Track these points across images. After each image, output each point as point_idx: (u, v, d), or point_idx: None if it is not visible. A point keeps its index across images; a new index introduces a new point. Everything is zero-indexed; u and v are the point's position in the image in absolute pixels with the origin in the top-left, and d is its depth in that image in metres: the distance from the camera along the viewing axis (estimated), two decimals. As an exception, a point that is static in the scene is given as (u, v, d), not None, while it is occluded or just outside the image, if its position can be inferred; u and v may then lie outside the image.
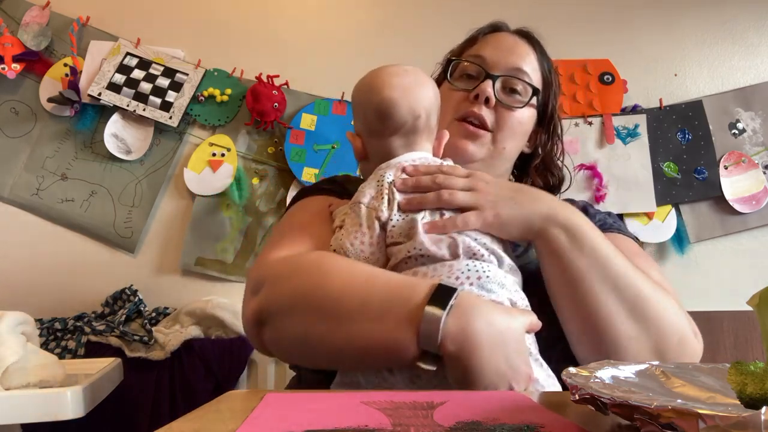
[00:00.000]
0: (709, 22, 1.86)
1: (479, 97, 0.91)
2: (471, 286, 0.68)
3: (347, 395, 0.53)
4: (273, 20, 1.81)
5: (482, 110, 0.91)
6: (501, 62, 0.94)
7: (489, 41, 0.99)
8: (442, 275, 0.69)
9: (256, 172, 1.74)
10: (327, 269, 0.70)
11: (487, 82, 0.92)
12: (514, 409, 0.46)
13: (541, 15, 1.83)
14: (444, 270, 0.69)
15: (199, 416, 0.45)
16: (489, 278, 0.69)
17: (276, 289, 0.72)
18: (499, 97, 0.93)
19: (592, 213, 0.95)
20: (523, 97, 0.95)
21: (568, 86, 1.80)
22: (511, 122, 0.93)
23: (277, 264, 0.75)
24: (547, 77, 1.00)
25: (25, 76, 1.71)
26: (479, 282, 0.68)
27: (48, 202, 1.69)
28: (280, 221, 0.93)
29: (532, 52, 0.98)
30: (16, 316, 1.07)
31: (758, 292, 0.40)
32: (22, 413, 0.93)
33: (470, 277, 0.68)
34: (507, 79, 0.94)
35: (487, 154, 0.93)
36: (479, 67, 0.95)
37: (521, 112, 0.95)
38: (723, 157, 1.77)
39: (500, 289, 0.69)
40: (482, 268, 0.70)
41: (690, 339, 0.75)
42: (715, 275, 1.76)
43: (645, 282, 0.75)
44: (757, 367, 0.38)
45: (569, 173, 1.09)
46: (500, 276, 0.71)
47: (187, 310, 1.55)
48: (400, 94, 0.80)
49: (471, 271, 0.69)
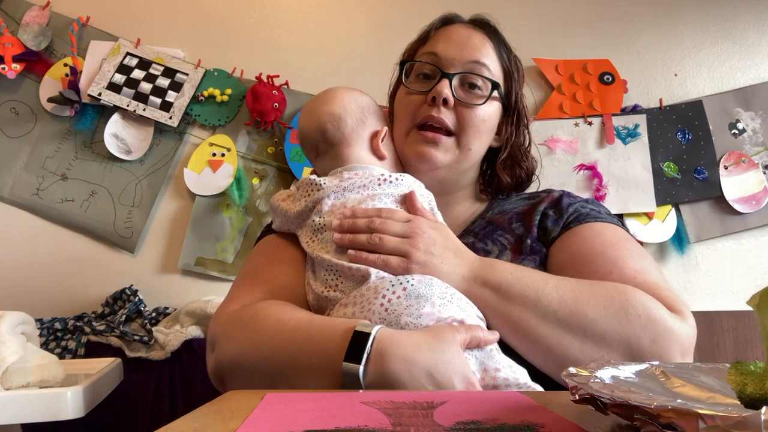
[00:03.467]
0: (709, 22, 1.86)
1: (436, 100, 0.86)
2: (399, 299, 0.68)
3: (347, 395, 0.53)
4: (273, 20, 1.81)
5: (441, 113, 0.86)
6: (456, 57, 0.89)
7: (442, 36, 0.93)
8: (369, 298, 0.69)
9: (256, 172, 1.74)
10: (260, 327, 0.73)
11: (443, 82, 0.87)
12: (514, 409, 0.46)
13: (541, 15, 1.83)
14: (370, 294, 0.70)
15: (199, 416, 0.45)
16: (414, 285, 0.69)
17: (224, 349, 0.75)
18: (458, 95, 0.87)
19: (566, 205, 0.89)
20: (484, 91, 0.89)
21: (568, 86, 1.80)
22: (474, 121, 0.88)
23: (225, 319, 0.78)
24: (507, 67, 0.93)
25: (25, 76, 1.71)
26: (405, 293, 0.68)
27: (48, 202, 1.69)
28: (241, 268, 0.95)
29: (488, 41, 0.92)
30: (16, 316, 1.07)
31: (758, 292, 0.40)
32: (22, 413, 0.93)
33: (396, 291, 0.69)
34: (464, 75, 0.88)
35: (453, 159, 0.89)
36: (434, 66, 0.89)
37: (483, 109, 0.89)
38: (723, 157, 1.77)
39: (428, 290, 0.69)
40: (404, 278, 0.70)
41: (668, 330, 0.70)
42: (715, 275, 1.76)
43: (592, 299, 0.72)
44: (757, 367, 0.38)
45: (539, 159, 1.03)
46: (426, 279, 0.71)
47: (187, 310, 1.55)
48: (305, 119, 0.88)
49: (395, 285, 0.69)
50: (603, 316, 0.71)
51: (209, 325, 0.83)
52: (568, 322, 0.71)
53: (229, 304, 0.82)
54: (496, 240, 0.88)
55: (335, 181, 0.83)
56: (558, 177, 1.75)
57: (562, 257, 0.84)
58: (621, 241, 0.83)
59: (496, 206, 0.95)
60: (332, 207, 0.81)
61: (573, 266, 0.81)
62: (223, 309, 0.82)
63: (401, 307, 0.68)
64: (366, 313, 0.69)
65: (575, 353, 0.70)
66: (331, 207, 0.81)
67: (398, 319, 0.67)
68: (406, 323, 0.67)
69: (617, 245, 0.82)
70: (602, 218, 0.87)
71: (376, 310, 0.68)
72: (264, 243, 0.93)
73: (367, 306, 0.69)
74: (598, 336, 0.70)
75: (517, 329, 0.72)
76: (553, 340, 0.71)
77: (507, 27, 0.98)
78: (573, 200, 0.91)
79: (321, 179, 0.84)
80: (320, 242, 0.80)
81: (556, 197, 0.92)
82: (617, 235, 0.84)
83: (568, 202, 0.90)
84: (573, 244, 0.84)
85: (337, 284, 0.76)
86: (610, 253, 0.80)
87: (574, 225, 0.86)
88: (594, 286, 0.74)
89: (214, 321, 0.81)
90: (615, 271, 0.77)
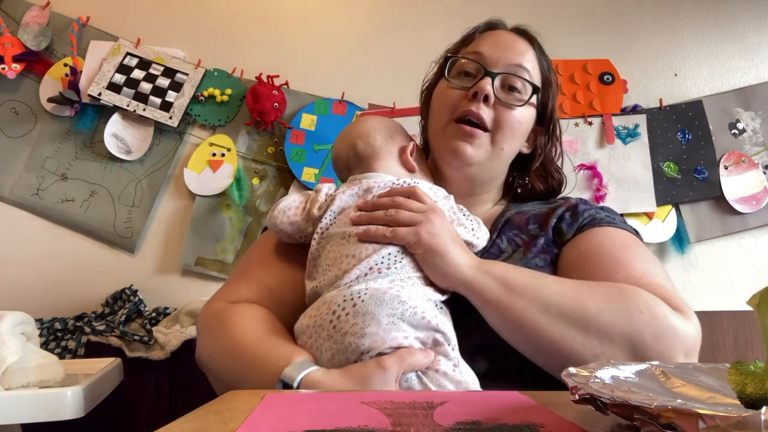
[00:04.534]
0: (709, 22, 1.86)
1: (478, 95, 0.88)
2: (347, 316, 0.69)
3: (347, 395, 0.53)
4: (273, 20, 1.81)
5: (481, 109, 0.88)
6: (500, 59, 0.91)
7: (487, 38, 0.96)
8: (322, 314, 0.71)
9: (256, 172, 1.74)
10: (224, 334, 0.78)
11: (486, 80, 0.89)
12: (514, 409, 0.46)
13: (541, 15, 1.83)
14: (324, 309, 0.71)
15: (199, 416, 0.45)
16: (364, 301, 0.69)
17: (199, 346, 0.84)
18: (498, 95, 0.90)
19: (581, 210, 0.91)
20: (523, 95, 0.92)
21: (568, 86, 1.80)
22: (511, 121, 0.90)
23: (207, 316, 0.85)
24: (546, 76, 0.97)
25: (25, 76, 1.71)
26: (354, 309, 0.69)
27: (48, 202, 1.69)
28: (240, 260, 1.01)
29: (530, 49, 0.95)
30: (16, 316, 1.06)
31: (758, 292, 0.40)
32: (22, 413, 0.92)
33: (346, 308, 0.69)
34: (506, 76, 0.91)
35: (485, 156, 0.90)
36: (478, 64, 0.92)
37: (521, 111, 0.91)
38: (723, 157, 1.77)
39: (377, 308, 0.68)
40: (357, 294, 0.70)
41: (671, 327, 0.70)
42: (715, 275, 1.76)
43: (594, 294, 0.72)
44: (757, 367, 0.38)
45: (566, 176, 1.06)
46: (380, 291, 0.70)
47: (187, 310, 1.55)
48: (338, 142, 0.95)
49: (347, 300, 0.70)
50: (605, 310, 0.71)
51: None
52: (570, 316, 0.71)
53: (217, 299, 0.87)
54: (512, 239, 0.90)
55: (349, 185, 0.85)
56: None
57: (571, 256, 0.85)
58: (631, 245, 0.85)
59: (514, 207, 0.98)
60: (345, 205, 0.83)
61: (580, 264, 0.82)
62: (210, 303, 0.87)
63: (347, 325, 0.68)
64: (317, 329, 0.70)
65: (578, 348, 0.70)
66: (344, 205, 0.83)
67: (343, 338, 0.68)
68: (350, 343, 0.67)
69: (626, 248, 0.83)
70: (616, 223, 0.89)
71: (325, 327, 0.70)
72: (264, 239, 0.95)
73: (319, 321, 0.71)
74: (601, 330, 0.70)
75: (520, 323, 0.72)
76: (555, 334, 0.71)
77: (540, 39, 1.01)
78: (589, 207, 0.94)
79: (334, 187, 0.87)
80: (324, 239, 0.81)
81: (573, 203, 0.95)
82: (628, 240, 0.86)
83: (584, 208, 0.93)
84: (583, 244, 0.85)
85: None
86: (618, 254, 0.81)
87: (587, 228, 0.88)
88: (595, 284, 0.75)
89: (201, 314, 0.87)
90: (621, 271, 0.78)
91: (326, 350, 0.69)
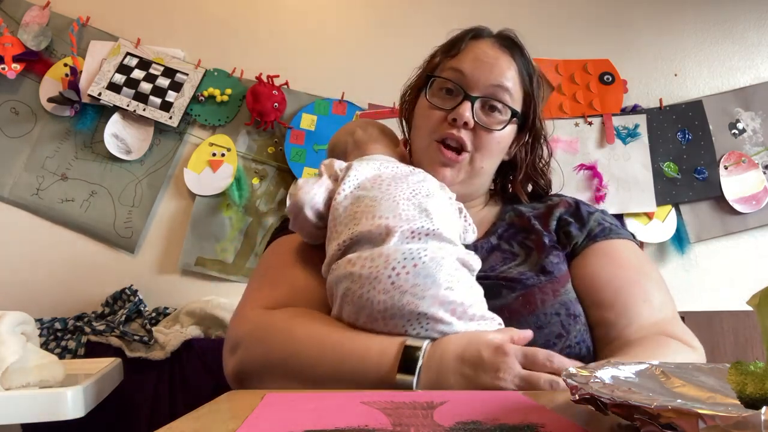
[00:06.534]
0: (709, 22, 1.86)
1: (457, 122, 0.90)
2: (408, 275, 0.69)
3: (347, 395, 0.53)
4: (273, 20, 1.81)
5: (461, 132, 0.90)
6: (481, 80, 0.91)
7: (469, 53, 0.94)
8: (378, 266, 0.71)
9: (256, 172, 1.74)
10: (298, 336, 0.74)
11: (465, 105, 0.90)
12: (514, 409, 0.46)
13: (541, 15, 1.83)
14: (381, 261, 0.71)
15: (199, 416, 0.45)
16: (425, 263, 0.70)
17: (251, 353, 0.77)
18: (478, 119, 0.90)
19: (585, 213, 0.94)
20: (504, 115, 0.92)
21: (568, 86, 1.80)
22: (491, 144, 0.92)
23: (250, 324, 0.79)
24: (529, 90, 0.96)
25: (25, 76, 1.71)
26: (415, 270, 0.70)
27: (48, 202, 1.69)
28: (256, 267, 0.97)
29: (513, 65, 0.94)
30: (16, 316, 1.06)
31: (758, 292, 0.40)
32: (22, 413, 0.93)
33: (406, 266, 0.70)
34: (486, 99, 0.92)
35: (465, 176, 0.93)
36: (457, 85, 0.92)
37: (500, 133, 0.93)
38: (723, 157, 1.77)
39: (438, 272, 0.70)
40: (417, 253, 0.71)
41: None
42: (715, 275, 1.76)
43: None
44: (757, 367, 0.38)
45: (561, 171, 1.07)
46: (438, 255, 0.72)
47: (187, 310, 1.55)
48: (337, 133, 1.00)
49: (407, 258, 0.70)
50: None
51: (230, 326, 0.84)
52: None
53: (251, 306, 0.83)
54: (523, 243, 0.92)
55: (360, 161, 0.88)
56: (558, 177, 1.75)
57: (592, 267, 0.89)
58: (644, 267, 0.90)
59: (510, 209, 0.99)
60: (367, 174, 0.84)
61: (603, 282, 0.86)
62: (246, 311, 0.83)
63: (408, 284, 0.69)
64: (371, 281, 0.70)
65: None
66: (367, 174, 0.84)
67: (402, 296, 0.69)
68: (408, 302, 0.69)
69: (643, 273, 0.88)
70: (623, 235, 0.93)
71: (382, 280, 0.70)
72: (279, 243, 0.94)
73: (375, 273, 0.70)
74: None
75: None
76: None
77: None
78: (590, 209, 0.97)
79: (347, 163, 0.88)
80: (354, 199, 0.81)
81: (572, 204, 0.97)
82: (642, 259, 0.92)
83: (587, 210, 0.96)
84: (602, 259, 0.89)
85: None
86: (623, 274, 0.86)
87: (600, 239, 0.91)
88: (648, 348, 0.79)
89: (238, 323, 0.82)
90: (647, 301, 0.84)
91: (379, 302, 0.70)
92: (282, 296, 0.83)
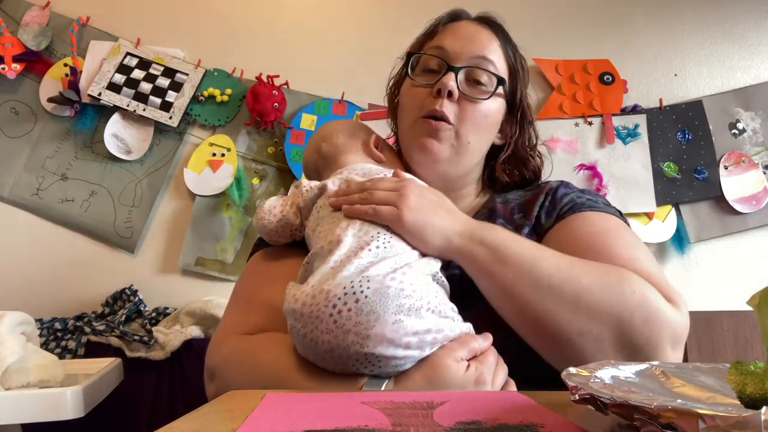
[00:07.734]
0: (709, 22, 1.86)
1: (441, 92, 0.86)
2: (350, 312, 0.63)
3: (347, 395, 0.53)
4: (273, 20, 1.81)
5: (444, 105, 0.87)
6: (463, 52, 0.89)
7: (449, 31, 0.93)
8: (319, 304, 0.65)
9: (256, 172, 1.74)
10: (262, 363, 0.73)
11: (449, 75, 0.87)
12: (514, 409, 0.46)
13: (541, 15, 1.83)
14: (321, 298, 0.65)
15: (199, 416, 0.45)
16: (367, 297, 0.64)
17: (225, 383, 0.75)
18: (463, 89, 0.88)
19: (561, 195, 0.89)
20: (488, 87, 0.89)
21: (568, 86, 1.80)
22: (475, 115, 0.88)
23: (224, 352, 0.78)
24: (513, 64, 0.94)
25: (25, 76, 1.72)
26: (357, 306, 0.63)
27: (48, 202, 1.69)
28: (235, 285, 0.93)
29: (495, 39, 0.92)
30: (16, 316, 1.07)
31: (758, 292, 0.40)
32: (22, 413, 0.93)
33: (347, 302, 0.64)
34: (470, 70, 0.89)
35: (452, 152, 0.89)
36: (440, 60, 0.90)
37: (486, 104, 0.89)
38: (723, 157, 1.77)
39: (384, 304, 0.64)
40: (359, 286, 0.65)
41: (661, 312, 0.69)
42: (715, 275, 1.76)
43: (586, 272, 0.70)
44: (757, 367, 0.38)
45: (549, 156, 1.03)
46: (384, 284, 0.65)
47: (187, 310, 1.55)
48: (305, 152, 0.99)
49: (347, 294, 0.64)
50: (597, 286, 0.69)
51: (207, 353, 0.82)
52: (561, 289, 0.69)
53: (226, 333, 0.81)
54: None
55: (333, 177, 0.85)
56: (558, 177, 1.74)
57: (551, 246, 0.80)
58: (612, 230, 0.82)
59: (498, 197, 0.96)
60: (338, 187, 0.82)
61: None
62: (221, 337, 0.81)
63: (350, 323, 0.63)
64: (313, 320, 0.64)
65: (564, 324, 0.68)
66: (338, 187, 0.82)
67: (345, 336, 0.63)
68: (353, 342, 0.63)
69: (609, 233, 0.80)
70: (597, 207, 0.86)
71: (324, 320, 0.64)
72: (256, 260, 0.92)
73: (316, 312, 0.64)
74: (591, 307, 0.68)
75: (508, 294, 0.71)
76: (543, 307, 0.69)
77: (507, 27, 0.98)
78: (569, 190, 0.91)
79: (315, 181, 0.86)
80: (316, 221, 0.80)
81: (553, 187, 0.92)
82: (609, 224, 0.83)
83: (563, 192, 0.90)
84: (563, 233, 0.83)
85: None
86: (599, 241, 0.78)
87: (567, 215, 0.85)
88: (592, 262, 0.73)
89: (214, 351, 0.80)
90: (604, 260, 0.75)
91: (324, 343, 0.64)
92: (259, 319, 0.80)
